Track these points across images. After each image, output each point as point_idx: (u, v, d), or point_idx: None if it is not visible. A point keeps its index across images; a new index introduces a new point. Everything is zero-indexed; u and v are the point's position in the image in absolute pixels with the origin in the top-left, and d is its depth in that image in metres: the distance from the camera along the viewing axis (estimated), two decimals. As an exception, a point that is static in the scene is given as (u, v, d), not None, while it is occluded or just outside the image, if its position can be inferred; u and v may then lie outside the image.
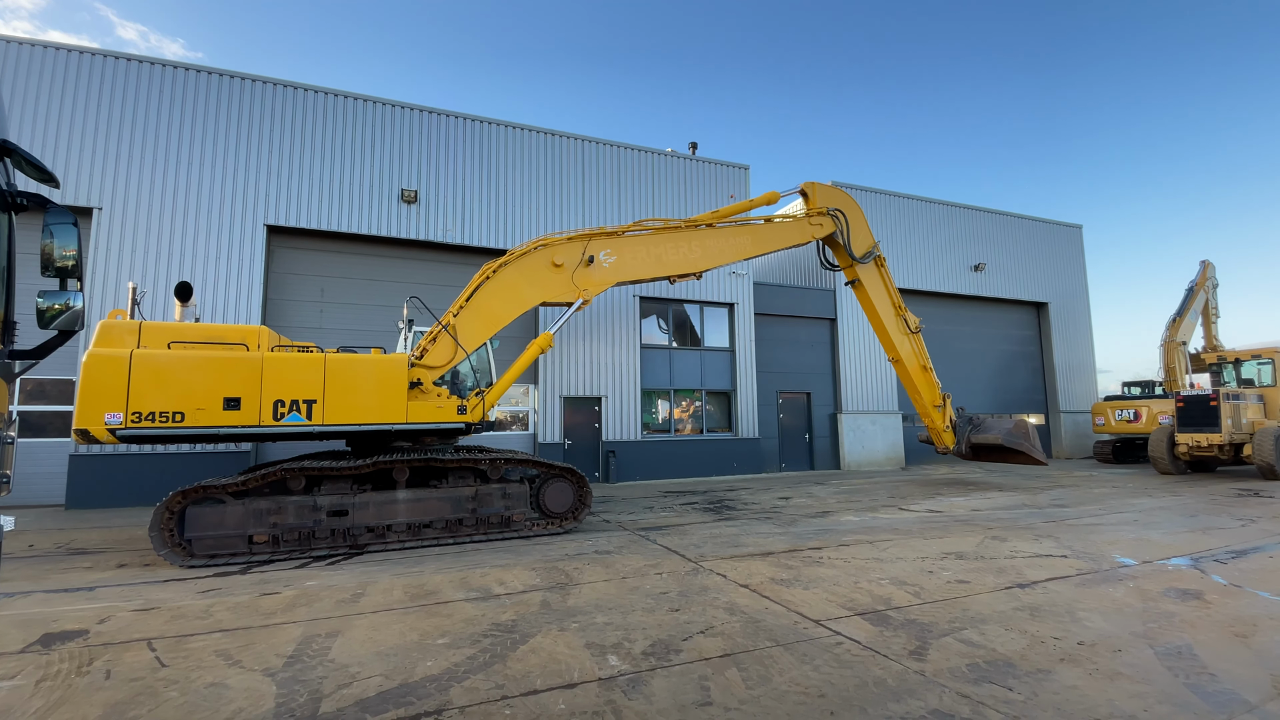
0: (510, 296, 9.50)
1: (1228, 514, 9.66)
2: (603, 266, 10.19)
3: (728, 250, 11.50)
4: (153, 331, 7.31)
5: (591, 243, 10.13)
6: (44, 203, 2.71)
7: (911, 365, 13.83)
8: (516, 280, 9.56)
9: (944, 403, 14.17)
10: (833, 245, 13.20)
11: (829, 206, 12.70)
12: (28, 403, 12.05)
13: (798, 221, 12.40)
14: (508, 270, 9.50)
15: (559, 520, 8.89)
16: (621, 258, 10.39)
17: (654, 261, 10.72)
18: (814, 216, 12.53)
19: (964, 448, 14.36)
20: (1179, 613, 4.92)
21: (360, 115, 14.58)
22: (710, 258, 11.27)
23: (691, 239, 11.13)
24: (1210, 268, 20.22)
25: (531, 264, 9.69)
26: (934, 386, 14.04)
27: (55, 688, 3.69)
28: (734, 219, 11.78)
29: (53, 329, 2.69)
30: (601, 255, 10.18)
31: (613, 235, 10.37)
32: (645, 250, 10.64)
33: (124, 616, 5.10)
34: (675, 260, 10.90)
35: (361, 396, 7.77)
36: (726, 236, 11.52)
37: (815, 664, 3.95)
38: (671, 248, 10.91)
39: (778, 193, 12.27)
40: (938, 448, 14.55)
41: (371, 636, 4.54)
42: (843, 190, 13.05)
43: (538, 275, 9.72)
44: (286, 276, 14.02)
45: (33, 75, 12.32)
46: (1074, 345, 24.20)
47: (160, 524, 6.89)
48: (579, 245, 10.02)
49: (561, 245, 9.90)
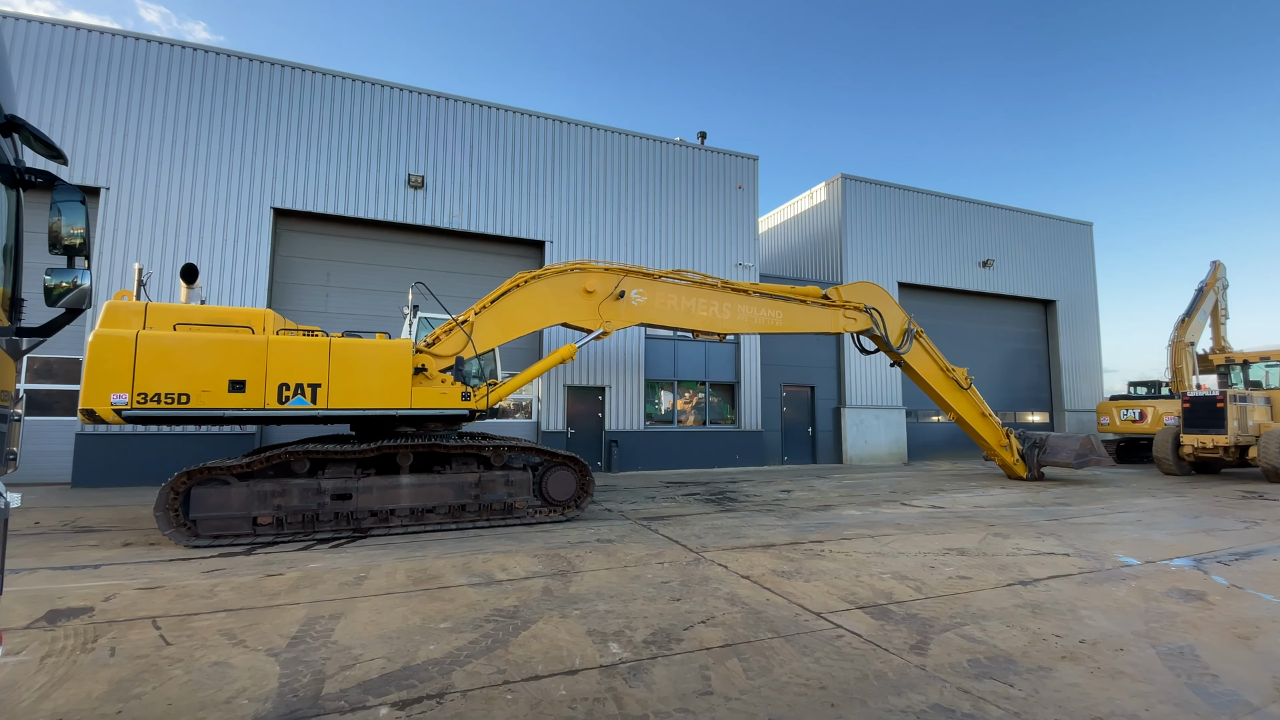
0: (537, 310, 9.55)
1: (1232, 516, 9.63)
2: (632, 304, 10.20)
3: (757, 320, 11.44)
4: (159, 313, 7.32)
5: (626, 279, 10.15)
6: (52, 180, 2.69)
7: (973, 418, 13.96)
8: (547, 296, 9.61)
9: (1009, 440, 14.32)
10: (869, 336, 13.20)
11: (863, 304, 12.61)
12: (35, 381, 12.12)
13: (832, 312, 12.27)
14: (540, 284, 9.55)
15: (561, 508, 8.91)
16: (652, 300, 10.39)
17: (683, 313, 10.68)
18: (849, 310, 12.44)
19: (1036, 472, 14.53)
20: (1182, 613, 4.90)
21: (368, 99, 14.52)
22: (738, 324, 11.24)
23: (724, 300, 11.08)
24: (1221, 268, 20.04)
25: (565, 284, 9.74)
26: (996, 429, 14.19)
27: (60, 664, 3.72)
28: (772, 294, 11.72)
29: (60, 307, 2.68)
30: (633, 293, 10.20)
31: (649, 276, 10.38)
32: (677, 300, 10.63)
33: (129, 594, 5.13)
34: (704, 317, 10.87)
35: (366, 381, 7.78)
36: (760, 306, 11.46)
37: (816, 656, 3.96)
38: (703, 303, 10.87)
39: (819, 289, 12.21)
40: (1009, 477, 14.82)
41: (374, 619, 4.57)
42: (870, 284, 12.91)
43: (567, 297, 9.76)
44: (292, 260, 14.02)
45: (41, 53, 12.28)
46: (1081, 344, 24.09)
47: (165, 504, 6.93)
48: (614, 278, 10.05)
49: (598, 274, 9.94)
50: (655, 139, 17.42)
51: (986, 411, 14.11)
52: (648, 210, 17.00)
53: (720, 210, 17.96)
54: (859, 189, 20.44)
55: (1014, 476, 14.62)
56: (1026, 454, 14.46)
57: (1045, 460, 14.42)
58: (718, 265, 17.70)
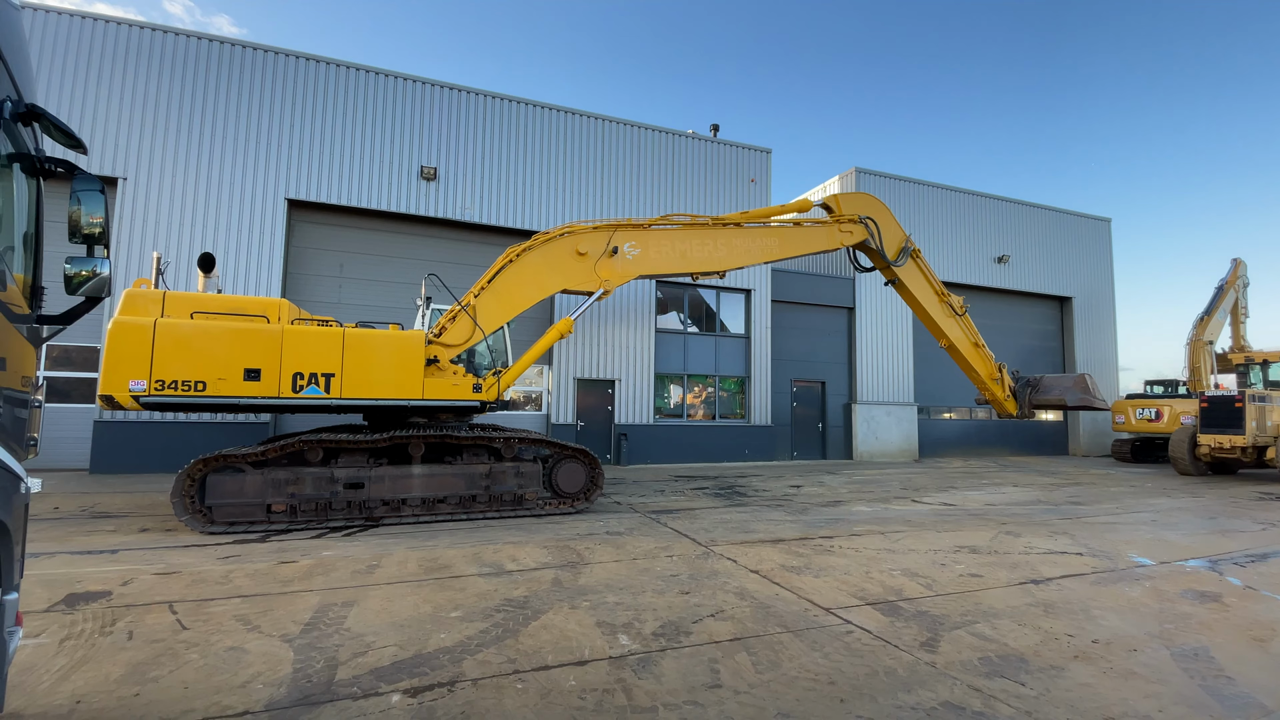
0: (532, 281, 9.49)
1: (1248, 517, 9.50)
2: (626, 258, 10.11)
3: (754, 251, 11.34)
4: (176, 301, 7.40)
5: (617, 234, 10.06)
6: (71, 169, 2.71)
7: (965, 347, 13.64)
8: (540, 266, 9.54)
9: (1000, 373, 14.04)
10: (864, 250, 12.96)
11: (859, 214, 12.44)
12: (54, 369, 12.30)
13: (827, 228, 12.13)
14: (532, 255, 9.49)
15: (571, 500, 8.95)
16: (646, 251, 10.30)
17: (678, 257, 10.61)
18: (844, 224, 12.25)
19: (1027, 410, 14.20)
20: (1196, 615, 4.85)
21: (381, 90, 14.54)
22: (735, 258, 11.13)
23: (718, 237, 10.98)
24: (1242, 266, 19.71)
25: (556, 250, 9.66)
26: (988, 361, 13.88)
27: (79, 647, 3.79)
28: (763, 221, 11.60)
29: (80, 295, 2.71)
30: (626, 247, 10.10)
31: (639, 228, 10.28)
32: (670, 245, 10.54)
33: (146, 579, 5.21)
34: (700, 257, 10.78)
35: (379, 371, 7.84)
36: (753, 237, 11.35)
37: (825, 651, 3.95)
38: (697, 244, 10.78)
39: (810, 201, 12.07)
40: (999, 414, 14.49)
41: (386, 607, 4.61)
42: (868, 195, 12.73)
43: (561, 262, 9.69)
44: (306, 251, 14.12)
45: (60, 44, 12.40)
46: (1097, 341, 23.78)
47: (182, 490, 7.02)
48: (604, 235, 9.96)
49: (587, 234, 9.85)
50: (668, 131, 17.33)
51: (979, 342, 13.79)
52: (660, 203, 16.93)
53: (733, 203, 17.85)
54: (873, 182, 20.24)
55: (1004, 414, 14.27)
56: (1019, 391, 14.15)
57: (1038, 399, 14.06)
58: (729, 259, 17.61)
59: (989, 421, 22.26)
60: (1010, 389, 14.12)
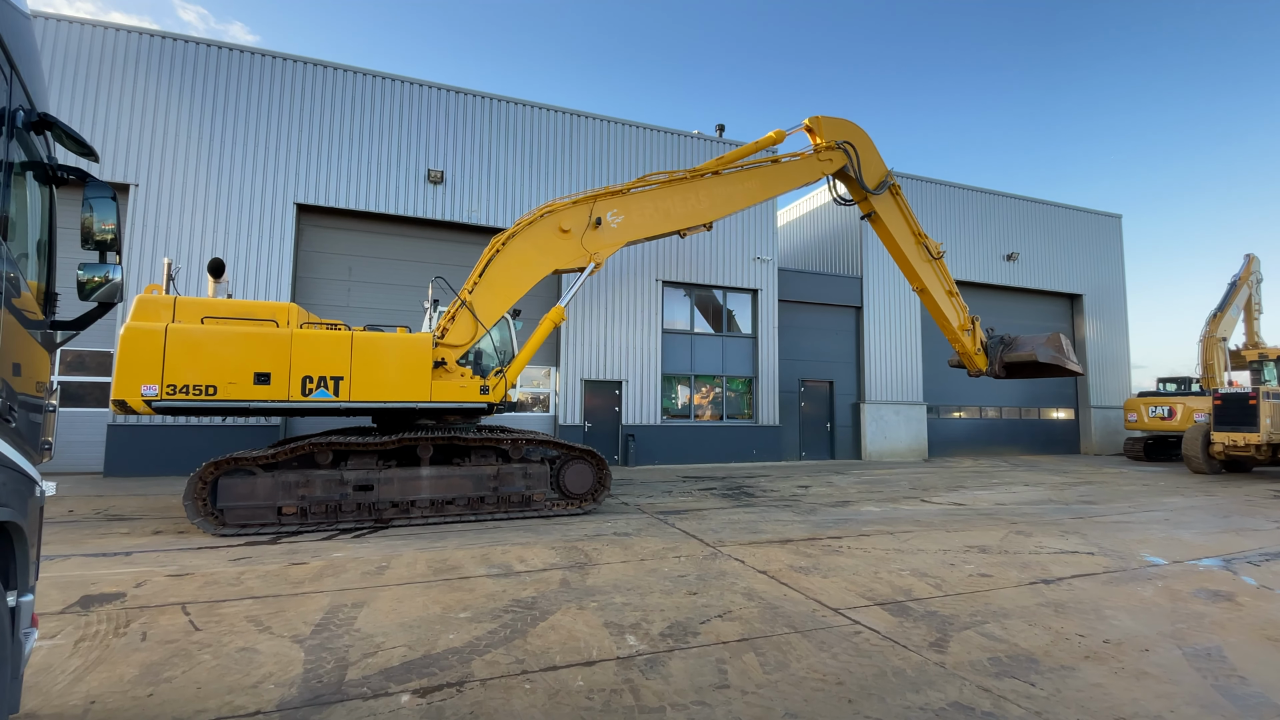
0: (522, 267, 9.43)
1: (1263, 515, 9.39)
2: (611, 227, 10.02)
3: (736, 196, 11.20)
4: (187, 306, 7.48)
5: (597, 204, 9.95)
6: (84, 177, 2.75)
7: (937, 292, 13.47)
8: (526, 250, 9.48)
9: (973, 325, 13.83)
10: (844, 180, 12.76)
11: (837, 140, 12.23)
12: (68, 373, 12.45)
13: (806, 159, 11.96)
14: (517, 241, 9.43)
15: (579, 501, 8.96)
16: (629, 217, 10.19)
17: (662, 216, 10.49)
18: (823, 152, 12.06)
19: (997, 368, 13.95)
20: (1209, 614, 4.80)
21: (388, 94, 14.63)
22: (718, 206, 11.00)
23: (698, 189, 10.84)
24: (1255, 262, 19.51)
25: (539, 232, 9.59)
26: (960, 311, 13.67)
27: (94, 648, 3.83)
28: (740, 163, 11.41)
29: (93, 301, 2.75)
30: (609, 216, 10.00)
31: (618, 194, 10.16)
32: (652, 206, 10.42)
33: (159, 581, 5.27)
34: (683, 213, 10.67)
35: (387, 374, 7.89)
36: (733, 182, 11.19)
37: (833, 652, 3.95)
38: (679, 200, 10.65)
39: (783, 131, 11.84)
40: (970, 371, 14.27)
41: (396, 608, 4.64)
42: (851, 122, 12.49)
43: (547, 242, 9.62)
44: (315, 255, 14.22)
45: (71, 52, 12.55)
46: (1108, 339, 23.59)
47: (194, 493, 7.09)
48: (585, 208, 9.86)
49: (567, 210, 9.76)
50: (674, 132, 17.33)
51: (953, 289, 13.60)
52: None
53: (739, 204, 17.82)
54: (880, 181, 20.12)
55: (973, 369, 14.07)
56: (990, 347, 13.95)
57: (1010, 355, 13.81)
58: (737, 258, 17.61)
59: (999, 420, 22.12)
60: (982, 343, 13.89)
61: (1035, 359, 13.30)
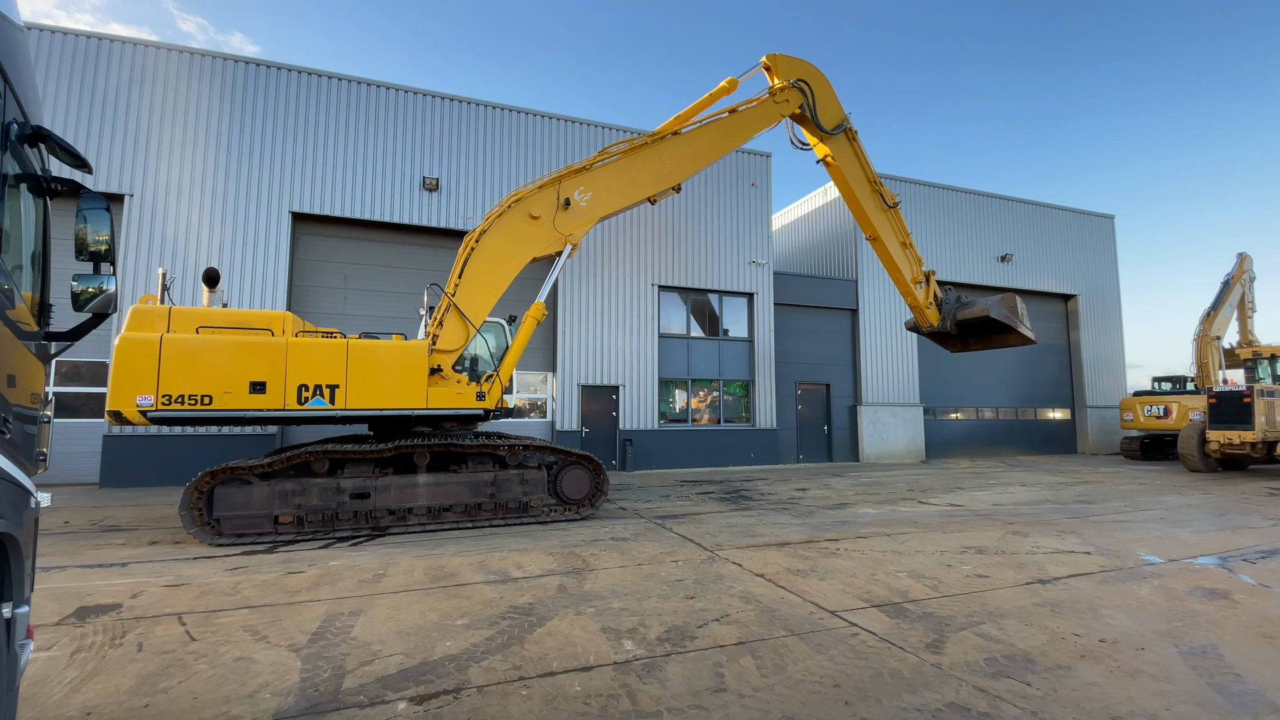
0: (499, 260, 9.34)
1: (1259, 513, 9.43)
2: (580, 206, 9.93)
3: (699, 154, 11.15)
4: (182, 316, 7.48)
5: (563, 184, 9.85)
6: (77, 188, 2.77)
7: (890, 242, 13.36)
8: (501, 243, 9.39)
9: (927, 279, 13.73)
10: (802, 123, 12.61)
11: (794, 79, 12.11)
12: (63, 384, 12.41)
13: (763, 104, 11.82)
14: (489, 236, 9.34)
15: (576, 507, 8.96)
16: (596, 193, 10.10)
17: (629, 186, 10.42)
18: (779, 93, 11.93)
19: (949, 325, 13.78)
20: (1205, 612, 4.82)
21: (383, 103, 14.67)
22: (684, 166, 10.95)
23: (661, 152, 10.76)
24: (1248, 260, 19.64)
25: (510, 223, 9.49)
26: (914, 264, 13.55)
27: (89, 659, 3.82)
28: (697, 119, 11.34)
29: (87, 312, 2.76)
30: (576, 194, 9.89)
31: (582, 171, 10.05)
32: (619, 178, 10.34)
33: (155, 591, 5.26)
34: (649, 180, 10.61)
35: (383, 382, 7.89)
36: (695, 139, 11.14)
37: (830, 654, 3.95)
38: (643, 168, 10.57)
39: (735, 79, 11.74)
40: (921, 326, 14.15)
41: (393, 616, 4.63)
42: (808, 63, 12.37)
43: (519, 232, 9.52)
44: (311, 263, 14.22)
45: (65, 63, 12.57)
46: (1103, 339, 23.68)
47: (190, 503, 7.07)
48: (551, 190, 9.77)
49: (534, 195, 9.67)
50: (668, 137, 17.35)
51: (908, 241, 13.47)
52: (661, 207, 16.97)
53: (733, 207, 17.91)
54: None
55: (925, 324, 13.99)
56: (945, 303, 13.86)
57: (963, 313, 13.69)
58: (732, 262, 17.66)
59: (996, 421, 22.18)
60: (936, 298, 13.79)
61: (987, 314, 13.18)
